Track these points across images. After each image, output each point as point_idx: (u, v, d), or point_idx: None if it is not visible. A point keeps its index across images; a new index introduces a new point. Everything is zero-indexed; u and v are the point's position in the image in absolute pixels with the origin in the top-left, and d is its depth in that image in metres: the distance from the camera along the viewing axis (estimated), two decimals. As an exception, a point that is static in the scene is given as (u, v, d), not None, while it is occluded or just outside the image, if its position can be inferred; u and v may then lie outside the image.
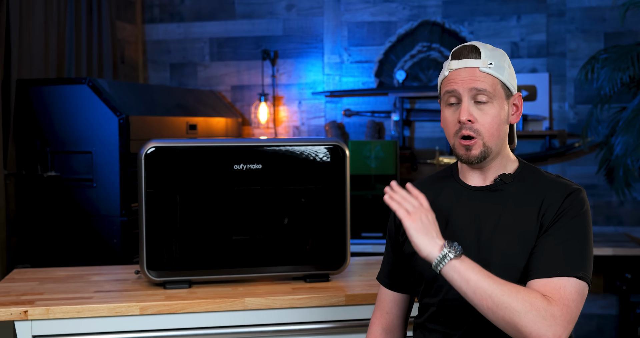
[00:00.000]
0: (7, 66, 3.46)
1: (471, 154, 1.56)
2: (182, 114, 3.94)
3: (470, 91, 1.54)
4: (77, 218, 3.37)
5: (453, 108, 1.57)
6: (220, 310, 2.01)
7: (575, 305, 1.42)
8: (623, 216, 4.42)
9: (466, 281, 1.40)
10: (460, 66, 1.56)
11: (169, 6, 4.84)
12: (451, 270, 1.42)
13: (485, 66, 1.55)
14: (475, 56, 1.56)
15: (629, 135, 3.67)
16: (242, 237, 2.17)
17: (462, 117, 1.53)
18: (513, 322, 1.37)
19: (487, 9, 4.55)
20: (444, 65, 1.62)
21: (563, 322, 1.38)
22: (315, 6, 4.70)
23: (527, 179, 1.60)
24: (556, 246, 1.48)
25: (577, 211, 1.51)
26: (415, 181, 1.77)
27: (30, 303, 1.96)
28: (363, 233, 4.20)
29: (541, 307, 1.37)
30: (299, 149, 2.18)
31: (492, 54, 1.57)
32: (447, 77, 1.58)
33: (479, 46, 1.57)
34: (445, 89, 1.58)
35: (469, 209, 1.59)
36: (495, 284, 1.39)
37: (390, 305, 1.75)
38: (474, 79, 1.54)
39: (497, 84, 1.56)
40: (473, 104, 1.55)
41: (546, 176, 1.60)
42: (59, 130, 3.38)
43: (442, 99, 1.60)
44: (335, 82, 4.71)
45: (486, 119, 1.54)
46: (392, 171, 4.26)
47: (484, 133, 1.54)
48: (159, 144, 2.11)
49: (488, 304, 1.38)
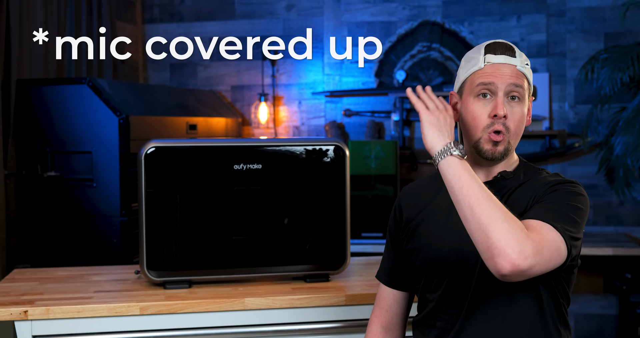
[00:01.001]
0: (7, 66, 3.46)
1: (497, 150, 1.56)
2: (182, 114, 3.94)
3: (508, 86, 1.55)
4: (77, 218, 3.37)
5: (485, 101, 1.56)
6: (220, 310, 2.01)
7: (548, 246, 1.36)
8: (623, 216, 4.42)
9: (458, 177, 1.41)
10: (499, 61, 1.56)
11: (169, 6, 4.84)
12: (447, 164, 1.43)
13: (522, 66, 1.57)
14: (511, 53, 1.57)
15: (629, 135, 3.67)
16: (242, 237, 2.17)
17: (500, 112, 1.53)
18: (486, 225, 1.33)
19: (487, 9, 4.55)
20: (471, 58, 1.60)
21: (534, 248, 1.32)
22: (315, 6, 4.70)
23: (525, 176, 1.61)
24: (542, 205, 1.47)
25: (567, 190, 1.50)
26: (415, 180, 1.77)
27: (30, 303, 1.96)
28: (363, 233, 4.20)
29: (519, 225, 1.34)
30: (299, 149, 2.18)
31: (524, 57, 1.59)
32: (482, 70, 1.57)
33: (512, 44, 1.60)
34: (480, 80, 1.56)
35: None
36: (485, 190, 1.39)
37: (389, 303, 1.75)
38: (512, 76, 1.55)
39: (526, 85, 1.59)
40: (506, 100, 1.56)
41: (544, 172, 1.62)
42: (59, 130, 3.38)
43: (472, 91, 1.57)
44: (335, 82, 4.71)
45: (515, 117, 1.56)
46: (392, 171, 4.26)
47: (512, 130, 1.56)
48: (159, 144, 2.11)
49: (470, 201, 1.37)
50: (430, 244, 1.60)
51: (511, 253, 1.30)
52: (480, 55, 1.58)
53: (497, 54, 1.57)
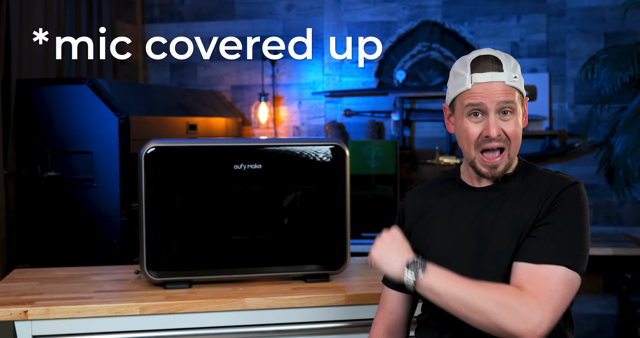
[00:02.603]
0: (7, 66, 3.46)
1: (497, 171, 1.58)
2: (182, 114, 3.94)
3: (498, 104, 1.54)
4: (77, 218, 3.37)
5: (476, 120, 1.57)
6: (220, 310, 2.01)
7: (560, 295, 1.41)
8: (623, 216, 4.42)
9: (437, 296, 1.45)
10: (485, 80, 1.55)
11: (169, 6, 4.84)
12: (421, 290, 1.48)
13: (511, 80, 1.55)
14: (498, 67, 1.55)
15: (629, 135, 3.67)
16: (242, 237, 2.17)
17: (493, 133, 1.54)
18: (490, 323, 1.39)
19: (487, 9, 4.55)
20: (459, 74, 1.58)
21: (542, 311, 1.38)
22: (315, 6, 4.70)
23: (526, 177, 1.61)
24: (548, 234, 1.48)
25: (573, 202, 1.52)
26: (419, 185, 1.79)
27: (30, 303, 1.96)
28: (363, 233, 4.20)
29: (513, 303, 1.39)
30: (299, 149, 2.18)
31: (512, 65, 1.57)
32: (470, 90, 1.56)
33: (498, 56, 1.57)
34: (468, 101, 1.56)
35: (470, 209, 1.61)
36: (465, 290, 1.42)
37: (393, 305, 1.75)
38: (501, 94, 1.54)
39: (517, 95, 1.57)
40: (498, 117, 1.56)
41: (544, 173, 1.62)
42: (59, 130, 3.38)
43: (463, 111, 1.58)
44: (335, 82, 4.70)
45: (511, 129, 1.56)
46: (392, 171, 4.26)
47: (511, 142, 1.57)
48: (159, 144, 2.11)
49: (463, 311, 1.42)
50: (432, 247, 1.61)
51: (526, 332, 1.36)
52: (467, 73, 1.56)
53: (484, 71, 1.55)
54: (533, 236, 1.49)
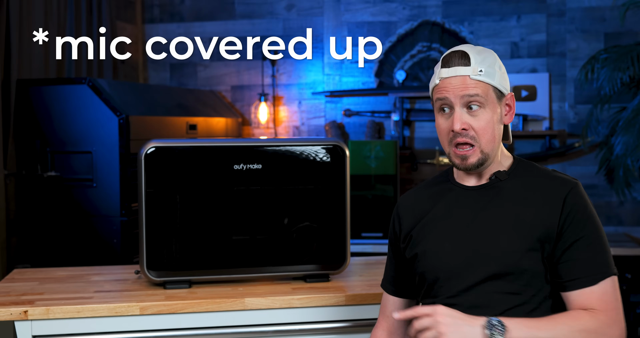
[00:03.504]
0: (7, 66, 3.46)
1: (468, 162, 1.56)
2: (182, 114, 3.94)
3: (462, 98, 1.54)
4: (77, 218, 3.37)
5: (445, 116, 1.57)
6: (220, 310, 2.01)
7: (617, 301, 1.49)
8: (623, 216, 4.42)
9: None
10: (450, 75, 1.55)
11: (169, 6, 4.84)
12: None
13: (476, 74, 1.54)
14: (465, 62, 1.55)
15: (629, 135, 3.67)
16: (242, 237, 2.17)
17: (456, 127, 1.53)
18: None
19: (487, 9, 4.55)
20: (435, 71, 1.61)
21: (617, 323, 1.46)
22: (315, 6, 4.70)
23: (521, 175, 1.60)
24: (585, 252, 1.50)
25: (585, 211, 1.53)
26: (411, 188, 1.78)
27: (30, 303, 1.96)
28: (363, 233, 4.20)
29: (594, 326, 1.44)
30: (299, 149, 2.18)
31: (482, 59, 1.56)
32: (437, 85, 1.58)
33: (468, 51, 1.56)
34: (437, 96, 1.58)
35: (467, 209, 1.60)
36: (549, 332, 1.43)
37: (393, 310, 1.76)
38: (464, 87, 1.53)
39: (489, 89, 1.55)
40: (465, 111, 1.55)
41: (541, 171, 1.61)
42: (59, 130, 3.38)
43: (435, 106, 1.60)
44: (335, 82, 4.71)
45: (480, 125, 1.54)
46: (392, 171, 4.26)
47: (480, 138, 1.55)
48: (159, 144, 2.11)
49: None
50: (434, 250, 1.60)
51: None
52: (438, 69, 1.59)
53: (450, 66, 1.56)
54: (571, 258, 1.50)
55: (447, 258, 1.57)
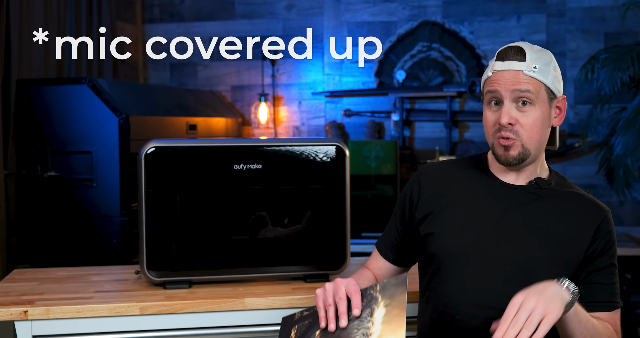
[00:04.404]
0: (7, 66, 3.46)
1: (509, 154, 1.55)
2: (182, 114, 3.94)
3: (513, 92, 1.53)
4: (77, 218, 3.36)
5: (494, 109, 1.57)
6: (220, 310, 2.01)
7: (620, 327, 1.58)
8: (623, 216, 4.42)
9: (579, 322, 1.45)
10: (504, 68, 1.55)
11: (169, 6, 4.84)
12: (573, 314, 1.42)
13: (530, 70, 1.54)
14: (520, 58, 1.55)
15: (629, 135, 3.67)
16: (242, 237, 2.16)
17: (503, 120, 1.53)
18: None
19: (487, 9, 4.55)
20: (489, 65, 1.61)
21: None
22: (315, 6, 4.70)
23: (559, 189, 1.63)
24: (609, 279, 1.56)
25: (614, 241, 1.59)
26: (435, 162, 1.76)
27: (30, 303, 1.96)
28: (363, 233, 4.20)
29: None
30: (299, 149, 2.18)
31: (538, 57, 1.56)
32: (490, 78, 1.58)
33: (525, 47, 1.56)
34: (487, 89, 1.58)
35: (499, 204, 1.58)
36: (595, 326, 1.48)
37: (382, 273, 1.77)
38: (517, 82, 1.53)
39: (541, 88, 1.55)
40: (514, 106, 1.55)
41: (577, 189, 1.66)
42: (59, 130, 3.38)
43: (484, 99, 1.60)
44: (335, 82, 4.71)
45: (527, 121, 1.54)
46: (392, 171, 4.26)
47: (523, 134, 1.54)
48: (159, 144, 2.11)
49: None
50: (449, 235, 1.58)
51: None
52: (492, 62, 1.60)
53: (504, 60, 1.56)
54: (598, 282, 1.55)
55: (465, 248, 1.55)
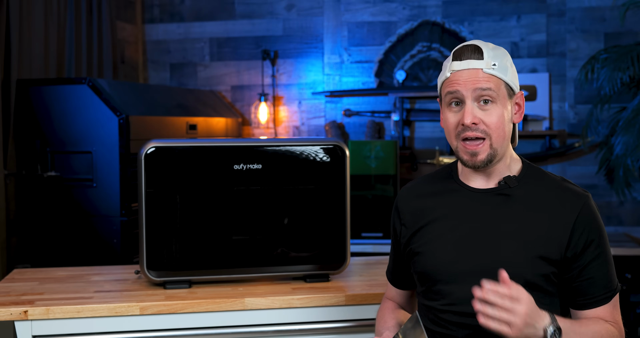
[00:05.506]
0: (7, 66, 3.46)
1: (477, 159, 1.52)
2: (182, 114, 3.94)
3: (474, 91, 1.50)
4: (77, 218, 3.37)
5: (455, 110, 1.53)
6: (220, 310, 2.01)
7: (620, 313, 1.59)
8: (623, 216, 4.42)
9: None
10: (462, 67, 1.52)
11: (169, 6, 4.84)
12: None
13: (489, 67, 1.51)
14: (477, 56, 1.51)
15: (629, 135, 3.67)
16: (242, 237, 2.17)
17: (467, 121, 1.49)
18: None
19: (487, 9, 4.55)
20: (444, 65, 1.57)
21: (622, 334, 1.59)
22: (315, 6, 4.70)
23: (531, 183, 1.56)
24: (600, 270, 1.53)
25: (598, 227, 1.53)
26: (412, 181, 1.74)
27: (30, 303, 1.96)
28: (363, 233, 4.20)
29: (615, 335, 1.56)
30: (299, 149, 2.18)
31: (495, 54, 1.53)
32: (448, 79, 1.54)
33: (481, 45, 1.53)
34: (447, 90, 1.54)
35: (472, 213, 1.55)
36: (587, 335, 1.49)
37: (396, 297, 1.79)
38: (477, 80, 1.50)
39: (501, 85, 1.52)
40: (476, 105, 1.51)
41: (551, 179, 1.58)
42: (59, 130, 3.38)
43: (444, 100, 1.55)
44: (335, 82, 4.70)
45: (492, 120, 1.50)
46: (392, 171, 4.26)
47: (491, 133, 1.51)
48: (159, 144, 2.11)
49: None
50: (432, 252, 1.57)
51: None
52: (448, 62, 1.55)
53: (462, 59, 1.52)
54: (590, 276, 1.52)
55: (448, 263, 1.54)
